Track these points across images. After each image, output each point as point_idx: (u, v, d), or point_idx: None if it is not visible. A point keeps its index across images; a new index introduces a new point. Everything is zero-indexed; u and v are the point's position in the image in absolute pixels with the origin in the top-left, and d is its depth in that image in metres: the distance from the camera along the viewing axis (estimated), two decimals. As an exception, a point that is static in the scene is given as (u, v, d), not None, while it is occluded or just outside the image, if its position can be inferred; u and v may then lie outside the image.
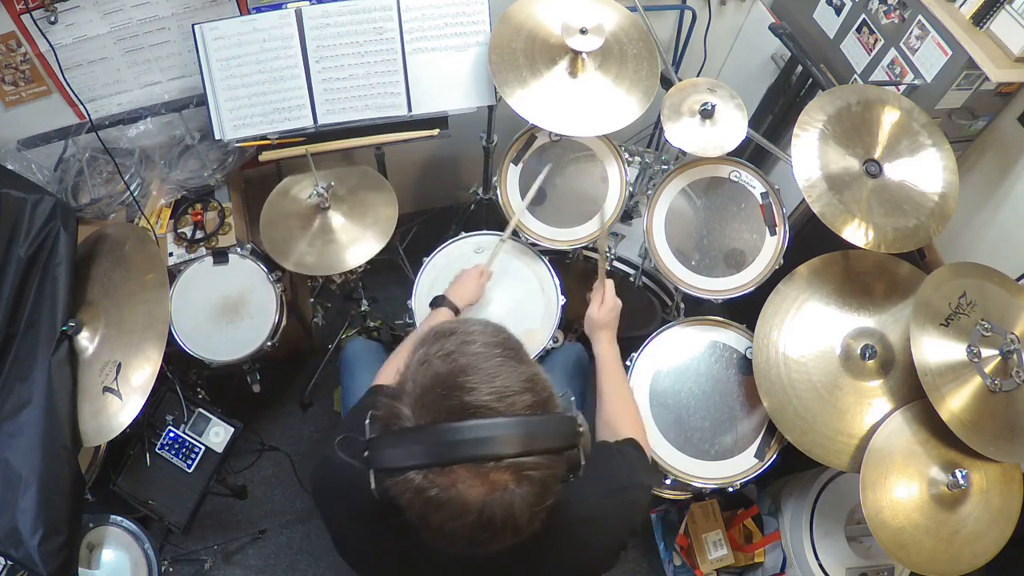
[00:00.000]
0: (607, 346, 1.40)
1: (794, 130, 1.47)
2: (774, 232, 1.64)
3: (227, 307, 1.70)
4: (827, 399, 1.45)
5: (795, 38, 1.87)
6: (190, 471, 1.64)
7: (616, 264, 1.80)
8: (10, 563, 1.32)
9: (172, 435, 1.65)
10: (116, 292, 1.51)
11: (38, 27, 1.54)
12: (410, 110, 1.72)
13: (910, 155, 1.49)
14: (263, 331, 1.68)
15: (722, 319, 1.64)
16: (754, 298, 1.59)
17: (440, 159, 2.43)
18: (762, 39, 2.01)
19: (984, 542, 1.35)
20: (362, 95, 1.69)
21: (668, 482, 1.59)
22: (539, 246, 1.69)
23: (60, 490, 1.33)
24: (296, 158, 1.75)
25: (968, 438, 1.31)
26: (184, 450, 1.64)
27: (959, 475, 1.31)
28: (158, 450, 1.64)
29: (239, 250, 1.78)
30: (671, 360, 1.61)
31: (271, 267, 1.74)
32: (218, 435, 1.67)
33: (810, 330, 1.51)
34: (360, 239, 1.71)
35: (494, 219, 1.80)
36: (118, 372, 1.42)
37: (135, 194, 1.79)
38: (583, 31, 1.52)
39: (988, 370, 1.35)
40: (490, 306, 1.63)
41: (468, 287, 1.50)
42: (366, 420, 0.77)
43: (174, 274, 1.71)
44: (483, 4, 1.64)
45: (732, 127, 1.54)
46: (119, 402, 1.40)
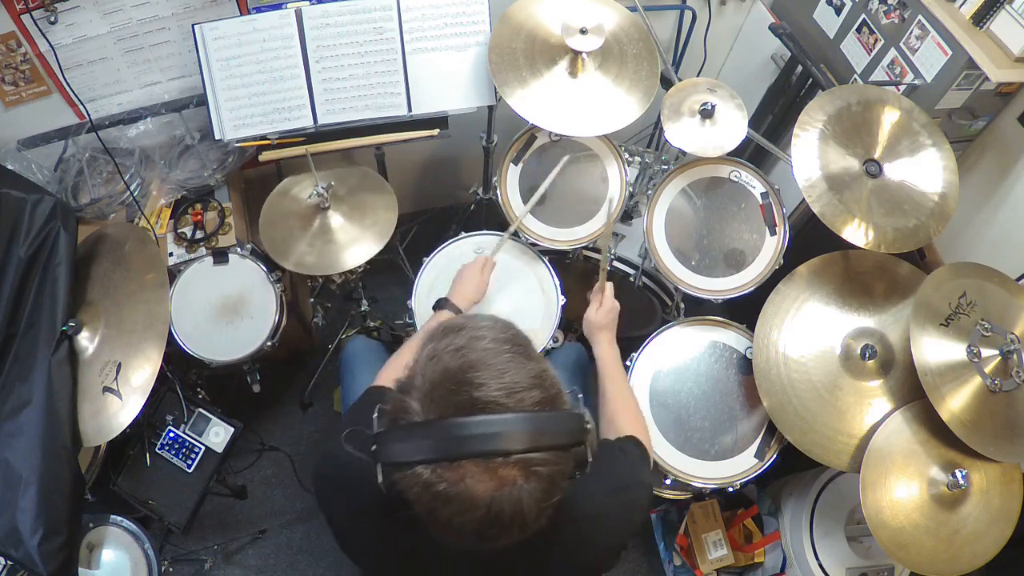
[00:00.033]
0: (607, 347, 1.41)
1: (794, 130, 1.47)
2: (774, 232, 1.64)
3: (227, 307, 1.70)
4: (827, 399, 1.45)
5: (795, 38, 1.87)
6: (190, 471, 1.64)
7: (616, 264, 1.80)
8: (10, 563, 1.32)
9: (172, 435, 1.65)
10: (116, 292, 1.51)
11: (38, 27, 1.54)
12: (410, 110, 1.72)
13: (910, 155, 1.49)
14: (263, 331, 1.68)
15: (722, 319, 1.64)
16: (754, 298, 1.59)
17: (440, 159, 2.43)
18: (762, 39, 2.01)
19: (984, 542, 1.35)
20: (362, 95, 1.69)
21: (668, 482, 1.59)
22: (539, 246, 1.69)
23: (60, 490, 1.33)
24: (296, 158, 1.75)
25: (968, 438, 1.31)
26: (184, 450, 1.65)
27: (959, 475, 1.31)
28: (158, 450, 1.64)
29: (239, 250, 1.78)
30: (671, 360, 1.61)
31: (271, 267, 1.74)
32: (218, 435, 1.67)
33: (810, 330, 1.51)
34: (360, 239, 1.71)
35: (494, 219, 1.80)
36: (118, 372, 1.42)
37: (135, 194, 1.79)
38: (583, 31, 1.52)
39: (988, 370, 1.35)
40: (490, 306, 1.63)
41: (470, 286, 1.48)
42: (373, 414, 0.77)
43: (174, 274, 1.71)
44: (483, 4, 1.64)
45: (732, 127, 1.54)
46: (119, 402, 1.40)
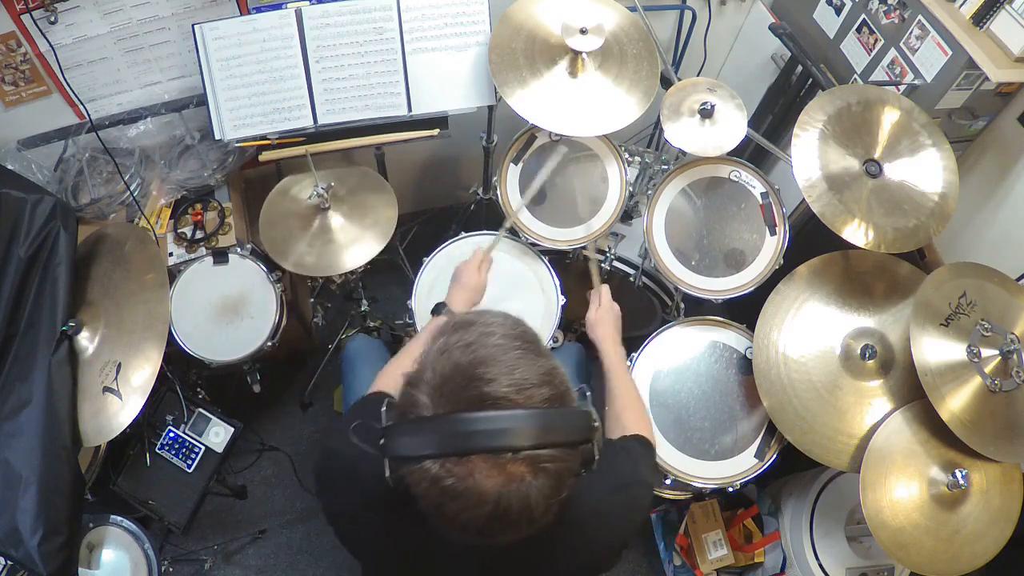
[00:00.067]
0: (609, 346, 1.40)
1: (794, 130, 1.47)
2: (774, 232, 1.64)
3: (227, 307, 1.70)
4: (827, 399, 1.45)
5: (795, 38, 1.87)
6: (190, 471, 1.64)
7: (616, 264, 1.80)
8: (10, 563, 1.32)
9: (172, 435, 1.65)
10: (116, 292, 1.51)
11: (38, 27, 1.54)
12: (410, 110, 1.72)
13: (910, 155, 1.49)
14: (263, 331, 1.68)
15: (722, 319, 1.64)
16: (754, 298, 1.59)
17: (440, 159, 2.43)
18: (762, 39, 2.01)
19: (984, 542, 1.35)
20: (362, 95, 1.69)
21: (668, 482, 1.59)
22: (539, 246, 1.69)
23: (60, 490, 1.33)
24: (296, 158, 1.75)
25: (968, 438, 1.31)
26: (184, 450, 1.65)
27: (959, 475, 1.31)
28: (158, 450, 1.64)
29: (239, 250, 1.78)
30: (671, 360, 1.61)
31: (271, 267, 1.74)
32: (218, 435, 1.67)
33: (810, 330, 1.51)
34: (360, 240, 1.71)
35: (494, 219, 1.79)
36: (118, 372, 1.42)
37: (135, 194, 1.79)
38: (583, 31, 1.52)
39: (988, 370, 1.35)
40: (490, 307, 1.63)
41: (468, 287, 1.43)
42: (382, 408, 0.77)
43: (174, 274, 1.71)
44: (483, 4, 1.64)
45: (732, 127, 1.54)
46: (119, 402, 1.40)
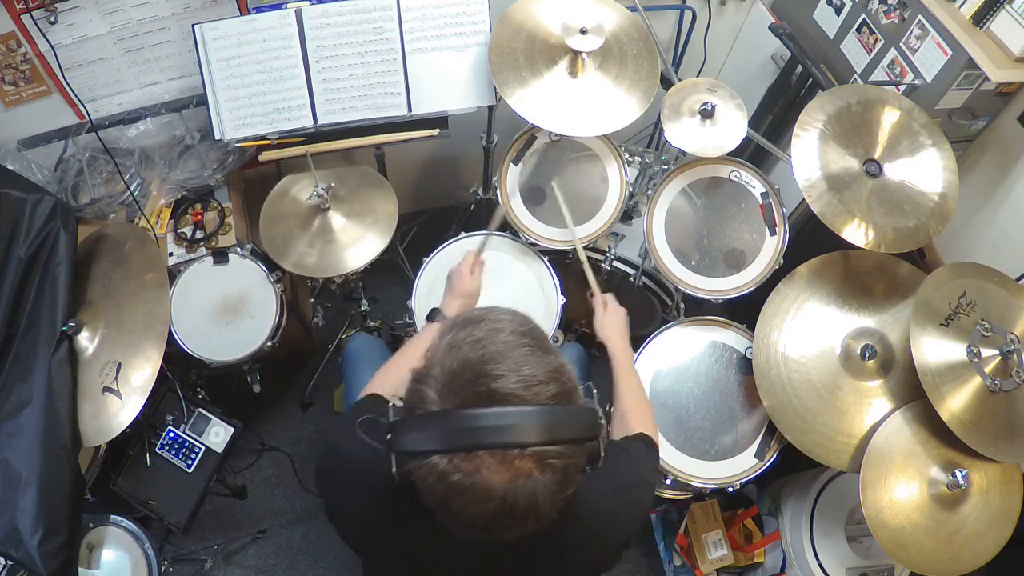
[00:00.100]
0: (617, 343, 1.41)
1: (794, 130, 1.47)
2: (774, 232, 1.64)
3: (227, 307, 1.70)
4: (827, 399, 1.45)
5: (795, 38, 1.87)
6: (190, 471, 1.64)
7: (616, 264, 1.80)
8: (10, 563, 1.32)
9: (172, 435, 1.65)
10: (116, 292, 1.51)
11: (38, 27, 1.54)
12: (410, 110, 1.72)
13: (910, 155, 1.49)
14: (263, 331, 1.68)
15: (722, 319, 1.64)
16: (754, 298, 1.59)
17: (440, 159, 2.43)
18: (762, 39, 2.01)
19: (984, 542, 1.35)
20: (362, 95, 1.69)
21: (668, 482, 1.59)
22: (539, 246, 1.69)
23: (60, 490, 1.33)
24: (296, 158, 1.75)
25: (968, 438, 1.31)
26: (184, 450, 1.64)
27: (959, 475, 1.31)
28: (158, 450, 1.64)
29: (239, 250, 1.78)
30: (671, 360, 1.61)
31: (271, 267, 1.74)
32: (218, 435, 1.67)
33: (810, 330, 1.51)
34: (360, 240, 1.71)
35: (494, 219, 1.80)
36: (118, 372, 1.42)
37: (135, 194, 1.79)
38: (583, 31, 1.52)
39: (988, 370, 1.35)
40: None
41: (461, 295, 1.40)
42: (388, 405, 0.77)
43: (174, 274, 1.71)
44: (483, 4, 1.64)
45: (732, 127, 1.54)
46: (119, 402, 1.40)
